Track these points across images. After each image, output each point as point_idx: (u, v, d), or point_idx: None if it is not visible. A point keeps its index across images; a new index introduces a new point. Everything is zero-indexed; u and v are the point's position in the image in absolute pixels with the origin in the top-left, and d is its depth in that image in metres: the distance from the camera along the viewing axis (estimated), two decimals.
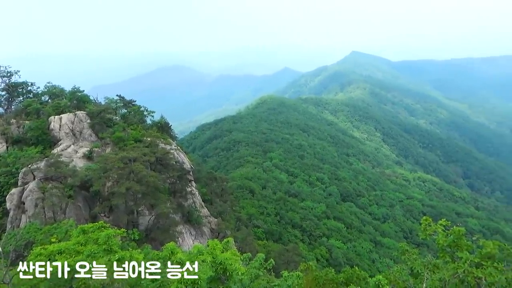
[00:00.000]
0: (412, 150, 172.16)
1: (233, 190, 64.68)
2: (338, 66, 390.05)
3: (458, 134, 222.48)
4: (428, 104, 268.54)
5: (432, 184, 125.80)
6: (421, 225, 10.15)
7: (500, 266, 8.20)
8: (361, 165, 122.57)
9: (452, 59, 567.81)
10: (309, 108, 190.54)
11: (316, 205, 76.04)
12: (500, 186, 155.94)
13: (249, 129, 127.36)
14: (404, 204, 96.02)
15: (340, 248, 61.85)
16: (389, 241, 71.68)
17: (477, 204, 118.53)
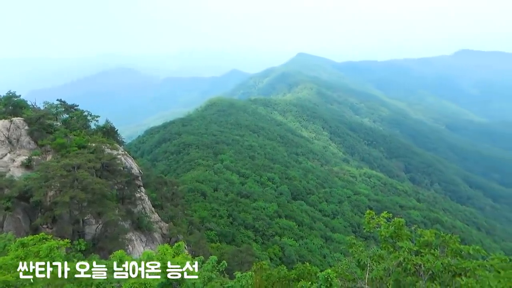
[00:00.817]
0: (357, 147, 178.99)
1: (184, 194, 63.75)
2: (285, 67, 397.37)
3: (399, 131, 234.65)
4: (371, 103, 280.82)
5: (377, 179, 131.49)
6: (365, 219, 10.63)
7: (436, 253, 8.79)
8: (310, 163, 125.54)
9: (392, 60, 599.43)
10: (259, 109, 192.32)
11: (268, 205, 76.86)
12: (438, 178, 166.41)
13: (199, 131, 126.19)
14: (351, 199, 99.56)
15: (292, 246, 62.97)
16: (339, 236, 73.99)
17: (418, 196, 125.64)
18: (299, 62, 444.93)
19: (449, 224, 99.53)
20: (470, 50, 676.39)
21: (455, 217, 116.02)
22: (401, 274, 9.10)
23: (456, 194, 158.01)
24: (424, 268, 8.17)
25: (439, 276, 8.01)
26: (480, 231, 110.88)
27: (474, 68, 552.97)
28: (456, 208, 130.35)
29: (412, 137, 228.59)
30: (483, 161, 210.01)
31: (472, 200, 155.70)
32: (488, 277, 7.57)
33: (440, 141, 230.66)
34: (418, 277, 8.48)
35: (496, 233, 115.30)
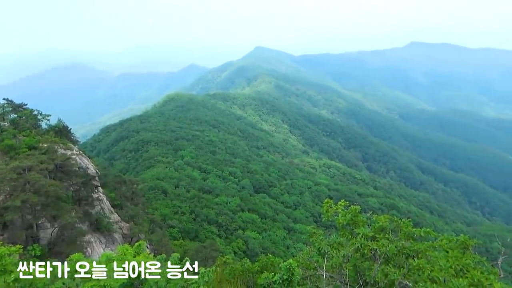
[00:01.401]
0: (317, 139, 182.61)
1: (145, 192, 62.52)
2: (243, 61, 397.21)
3: (355, 121, 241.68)
4: (328, 95, 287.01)
5: (336, 170, 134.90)
6: (323, 208, 10.91)
7: (391, 237, 9.21)
8: (271, 156, 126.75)
9: (346, 52, 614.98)
10: (218, 104, 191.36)
11: (230, 199, 76.95)
12: (393, 166, 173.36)
13: (157, 128, 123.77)
14: (312, 190, 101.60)
15: (256, 239, 63.50)
16: (301, 227, 75.37)
17: (375, 184, 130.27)
18: (256, 55, 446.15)
19: (405, 209, 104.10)
20: (420, 42, 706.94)
21: (410, 202, 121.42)
22: (359, 259, 9.42)
23: (410, 181, 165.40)
24: (379, 252, 8.52)
25: (393, 259, 8.40)
26: (433, 214, 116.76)
27: (424, 59, 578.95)
28: (410, 193, 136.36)
29: (368, 127, 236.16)
30: (434, 148, 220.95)
31: (425, 185, 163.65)
32: (437, 257, 8.03)
33: (394, 130, 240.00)
34: (374, 261, 8.83)
35: (447, 216, 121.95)
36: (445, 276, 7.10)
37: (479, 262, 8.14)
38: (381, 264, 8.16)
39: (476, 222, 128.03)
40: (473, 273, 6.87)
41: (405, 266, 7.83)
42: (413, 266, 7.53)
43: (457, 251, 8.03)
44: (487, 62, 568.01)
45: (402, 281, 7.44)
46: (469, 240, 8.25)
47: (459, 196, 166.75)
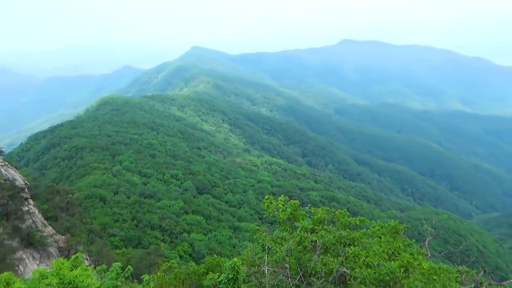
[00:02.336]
0: (257, 137, 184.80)
1: (81, 201, 59.33)
2: (180, 61, 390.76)
3: (294, 118, 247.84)
4: (266, 93, 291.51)
5: (277, 166, 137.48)
6: (264, 204, 11.12)
7: (329, 228, 9.62)
8: (213, 156, 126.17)
9: (283, 50, 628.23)
10: (156, 106, 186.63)
11: (173, 203, 75.49)
12: (331, 160, 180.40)
13: (92, 133, 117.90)
14: (255, 188, 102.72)
15: (201, 241, 62.96)
16: (246, 225, 75.86)
17: (316, 178, 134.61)
18: (193, 55, 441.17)
19: (344, 200, 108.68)
20: (351, 40, 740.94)
21: (349, 193, 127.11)
22: (301, 252, 9.71)
23: (347, 172, 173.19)
24: (319, 243, 8.86)
25: (332, 249, 8.79)
26: (370, 203, 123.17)
27: (355, 56, 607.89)
28: (348, 185, 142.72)
29: (306, 123, 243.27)
30: (367, 140, 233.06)
31: (361, 176, 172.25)
32: (371, 243, 8.52)
33: (330, 124, 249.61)
34: (315, 252, 9.16)
35: (383, 203, 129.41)
36: (379, 260, 7.55)
37: (409, 245, 8.77)
38: (320, 254, 8.49)
39: (409, 208, 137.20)
40: (403, 255, 7.38)
41: (343, 254, 8.22)
42: (350, 254, 7.93)
43: (388, 236, 8.59)
44: (412, 58, 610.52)
45: (340, 269, 7.80)
46: (399, 225, 8.87)
47: (392, 184, 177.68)
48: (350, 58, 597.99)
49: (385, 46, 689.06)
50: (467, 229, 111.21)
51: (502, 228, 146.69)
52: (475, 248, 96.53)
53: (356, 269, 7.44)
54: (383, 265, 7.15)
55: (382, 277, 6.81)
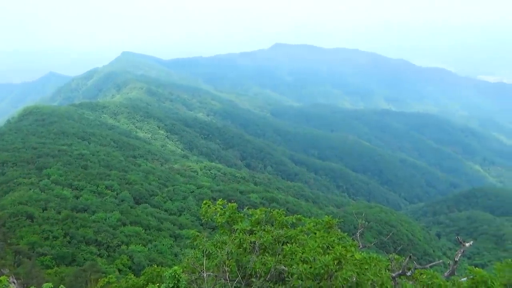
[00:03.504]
0: (195, 142, 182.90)
1: (5, 220, 54.73)
2: (110, 67, 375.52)
3: (231, 121, 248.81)
4: (202, 98, 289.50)
5: (217, 171, 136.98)
6: (202, 209, 11.08)
7: (267, 228, 9.83)
8: (150, 164, 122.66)
9: (216, 55, 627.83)
10: (86, 114, 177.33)
11: (109, 215, 72.14)
12: (269, 161, 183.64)
13: (14, 146, 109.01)
14: (196, 194, 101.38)
15: (141, 252, 60.84)
16: (187, 232, 74.52)
17: (255, 180, 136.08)
18: (124, 61, 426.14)
19: (283, 200, 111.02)
20: (283, 43, 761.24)
21: (287, 193, 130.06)
22: (241, 254, 9.81)
23: (285, 173, 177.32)
24: (258, 244, 9.02)
25: (270, 248, 8.99)
26: (308, 201, 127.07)
27: (287, 59, 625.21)
28: (287, 185, 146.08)
29: (244, 126, 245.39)
30: (303, 140, 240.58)
31: (298, 176, 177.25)
32: (307, 240, 8.86)
33: (267, 127, 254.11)
34: (254, 253, 9.31)
35: (320, 201, 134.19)
36: (314, 255, 7.87)
37: (342, 238, 9.24)
38: (259, 254, 8.65)
39: (344, 203, 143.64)
40: (336, 248, 7.77)
41: (280, 253, 8.45)
42: (287, 251, 8.18)
43: (323, 231, 8.99)
44: (340, 60, 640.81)
45: (278, 267, 8.01)
46: (332, 220, 9.32)
47: (328, 182, 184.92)
48: (283, 61, 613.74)
49: (315, 49, 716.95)
50: (398, 219, 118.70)
51: (428, 216, 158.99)
52: (405, 237, 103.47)
53: (293, 266, 7.69)
54: (318, 259, 7.46)
55: (317, 271, 7.11)
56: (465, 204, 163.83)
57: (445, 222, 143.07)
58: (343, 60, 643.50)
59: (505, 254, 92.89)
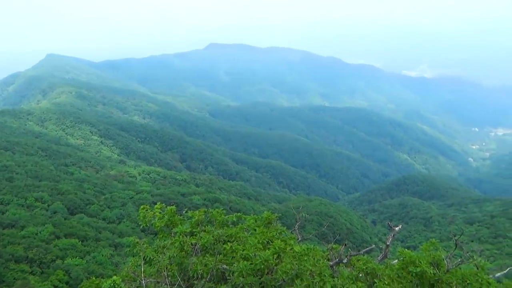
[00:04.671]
0: (132, 146, 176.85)
1: None
2: (34, 71, 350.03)
3: (169, 123, 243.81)
4: (137, 100, 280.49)
5: (156, 174, 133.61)
6: (140, 215, 10.78)
7: (207, 228, 9.80)
8: (84, 172, 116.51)
9: (150, 56, 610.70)
10: (8, 122, 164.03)
11: (41, 229, 67.38)
12: (210, 162, 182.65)
13: None
14: (135, 199, 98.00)
15: (79, 265, 57.66)
16: (128, 240, 71.95)
17: (196, 182, 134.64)
18: (50, 64, 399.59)
19: (226, 200, 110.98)
20: (218, 43, 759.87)
21: (230, 192, 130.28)
22: (183, 257, 9.69)
23: (227, 173, 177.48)
24: (199, 245, 8.97)
25: (212, 248, 8.98)
26: (250, 199, 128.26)
27: (223, 59, 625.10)
28: (229, 184, 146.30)
29: (182, 127, 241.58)
30: (243, 139, 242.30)
31: (240, 174, 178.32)
32: (247, 237, 8.97)
33: (206, 127, 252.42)
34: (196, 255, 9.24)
35: (263, 198, 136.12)
36: (254, 251, 8.00)
37: (282, 232, 9.47)
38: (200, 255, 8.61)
39: (286, 199, 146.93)
40: (275, 242, 7.95)
41: (222, 252, 8.48)
42: (227, 250, 8.22)
43: (263, 227, 9.15)
44: (275, 59, 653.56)
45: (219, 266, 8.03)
46: (271, 215, 9.53)
47: (269, 179, 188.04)
48: (219, 61, 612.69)
49: (250, 48, 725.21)
50: (336, 210, 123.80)
51: (363, 205, 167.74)
52: (344, 226, 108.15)
53: (234, 264, 7.75)
54: (258, 255, 7.59)
55: (257, 266, 7.23)
56: (396, 191, 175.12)
57: (380, 210, 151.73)
58: (278, 59, 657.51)
59: (433, 235, 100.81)
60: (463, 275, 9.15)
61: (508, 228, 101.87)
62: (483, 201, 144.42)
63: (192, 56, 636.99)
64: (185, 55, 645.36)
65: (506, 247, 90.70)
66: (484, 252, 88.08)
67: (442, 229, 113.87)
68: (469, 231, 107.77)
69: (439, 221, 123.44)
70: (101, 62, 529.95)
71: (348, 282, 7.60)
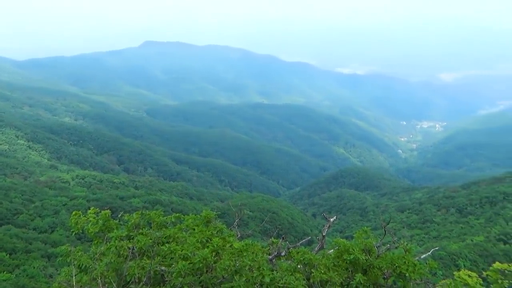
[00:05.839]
0: (64, 150, 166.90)
1: None
2: None
3: (103, 125, 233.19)
4: (68, 101, 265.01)
5: (92, 179, 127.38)
6: (71, 221, 10.28)
7: (144, 231, 9.59)
8: (10, 180, 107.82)
9: (81, 54, 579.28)
10: None
11: None
12: (150, 163, 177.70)
13: None
14: (69, 206, 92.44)
15: (7, 280, 53.36)
16: (63, 249, 67.92)
17: (136, 184, 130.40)
18: None
19: (167, 202, 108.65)
20: (154, 41, 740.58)
21: (171, 193, 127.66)
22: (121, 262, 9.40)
23: (167, 173, 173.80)
24: (136, 248, 8.74)
25: (150, 251, 8.80)
26: (192, 199, 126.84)
27: (160, 57, 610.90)
28: (170, 185, 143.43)
29: (118, 128, 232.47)
30: (183, 138, 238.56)
31: (181, 175, 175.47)
32: (185, 237, 8.91)
33: (144, 128, 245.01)
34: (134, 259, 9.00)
35: (205, 197, 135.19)
36: (193, 250, 7.97)
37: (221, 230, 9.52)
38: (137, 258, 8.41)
39: (228, 197, 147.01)
40: (214, 240, 7.98)
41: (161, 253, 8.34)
42: (165, 252, 8.11)
43: (201, 226, 9.14)
44: (213, 57, 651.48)
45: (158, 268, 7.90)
46: (210, 213, 9.54)
47: (211, 177, 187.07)
48: (156, 59, 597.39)
49: (187, 46, 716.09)
50: (278, 206, 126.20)
51: (304, 199, 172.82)
52: (286, 221, 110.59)
53: (173, 264, 7.67)
54: (197, 254, 7.58)
55: (196, 265, 7.22)
56: (334, 184, 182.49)
57: (319, 203, 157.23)
58: (215, 57, 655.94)
59: (368, 224, 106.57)
60: (392, 259, 9.82)
61: (434, 213, 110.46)
62: (412, 189, 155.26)
63: (126, 54, 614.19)
64: (119, 53, 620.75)
65: (433, 231, 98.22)
66: (414, 237, 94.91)
67: (377, 218, 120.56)
68: (400, 218, 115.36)
69: (374, 210, 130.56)
70: (26, 61, 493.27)
71: (286, 274, 7.83)
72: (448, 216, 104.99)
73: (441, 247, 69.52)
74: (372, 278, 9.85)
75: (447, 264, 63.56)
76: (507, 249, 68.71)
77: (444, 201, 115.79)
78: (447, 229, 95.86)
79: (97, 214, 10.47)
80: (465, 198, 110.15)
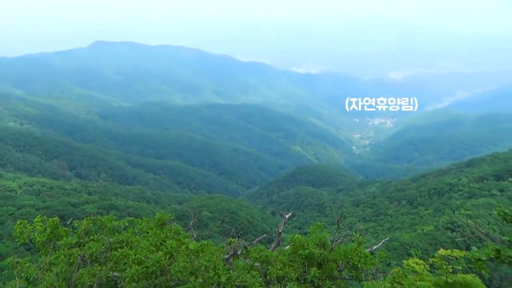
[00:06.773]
0: (8, 156, 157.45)
1: None
2: None
3: (52, 129, 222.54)
4: (12, 104, 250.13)
5: (41, 186, 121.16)
6: (16, 231, 9.77)
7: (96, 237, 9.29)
8: None
9: (25, 55, 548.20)
10: None
11: None
12: (103, 168, 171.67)
13: None
14: (16, 216, 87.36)
15: None
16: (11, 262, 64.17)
17: (89, 190, 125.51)
18: None
19: (123, 206, 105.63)
20: (104, 41, 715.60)
21: (127, 198, 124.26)
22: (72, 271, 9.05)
23: (122, 177, 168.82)
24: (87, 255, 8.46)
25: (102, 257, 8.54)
26: (150, 203, 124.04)
27: (111, 58, 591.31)
28: (125, 190, 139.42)
29: (68, 132, 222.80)
30: (137, 141, 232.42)
31: (137, 178, 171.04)
32: (139, 240, 8.73)
33: (96, 131, 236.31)
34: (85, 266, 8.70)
35: (162, 200, 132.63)
36: (147, 254, 7.83)
37: (178, 232, 9.41)
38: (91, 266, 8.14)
39: (186, 199, 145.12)
40: (168, 243, 7.88)
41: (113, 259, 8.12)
42: (117, 257, 7.91)
43: (156, 229, 8.99)
44: (167, 57, 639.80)
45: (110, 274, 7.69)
46: (164, 216, 9.40)
47: (168, 180, 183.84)
48: (107, 60, 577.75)
49: (140, 46, 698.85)
50: (237, 205, 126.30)
51: (263, 198, 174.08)
52: (245, 220, 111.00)
53: (126, 270, 7.50)
54: (150, 257, 7.46)
55: (150, 269, 7.10)
56: (292, 182, 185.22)
57: (278, 201, 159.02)
58: (170, 57, 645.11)
59: (326, 219, 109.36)
60: (346, 252, 10.18)
61: (387, 206, 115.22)
62: (366, 184, 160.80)
63: (75, 55, 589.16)
64: (67, 53, 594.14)
65: (386, 223, 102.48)
66: (369, 229, 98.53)
67: (334, 213, 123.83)
68: (356, 212, 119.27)
69: (331, 206, 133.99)
70: None
71: (243, 272, 7.88)
72: (400, 208, 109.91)
73: (394, 238, 72.72)
74: (327, 271, 10.15)
75: (400, 254, 66.60)
76: (454, 236, 72.98)
77: (396, 194, 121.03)
78: (399, 221, 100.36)
79: (44, 222, 10.00)
80: (415, 190, 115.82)
